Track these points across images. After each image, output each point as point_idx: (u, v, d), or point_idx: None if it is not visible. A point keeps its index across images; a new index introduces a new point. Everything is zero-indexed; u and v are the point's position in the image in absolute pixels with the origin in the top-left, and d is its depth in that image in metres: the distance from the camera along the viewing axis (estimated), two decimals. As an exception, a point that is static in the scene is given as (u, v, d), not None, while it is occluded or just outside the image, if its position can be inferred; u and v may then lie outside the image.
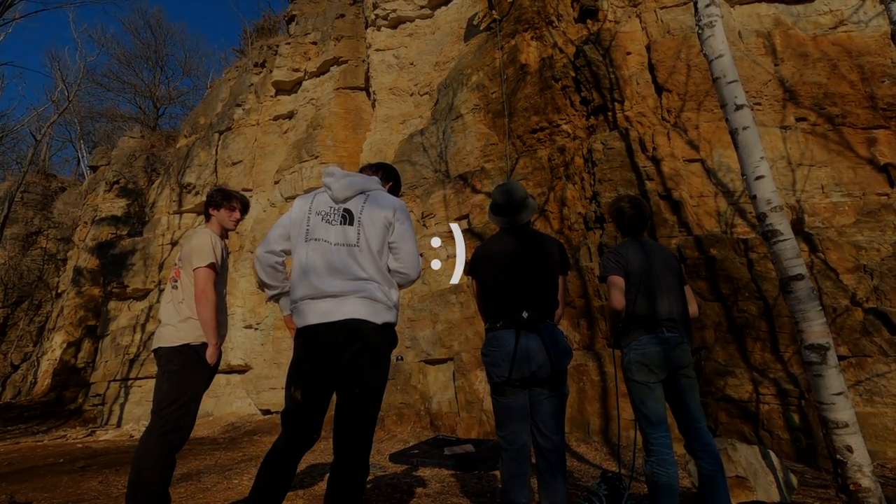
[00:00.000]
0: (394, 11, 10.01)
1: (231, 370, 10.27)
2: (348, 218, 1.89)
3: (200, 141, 13.34)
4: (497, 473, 3.88)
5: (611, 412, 5.10)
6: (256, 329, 10.43)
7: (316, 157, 10.45)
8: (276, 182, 11.14)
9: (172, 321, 2.47)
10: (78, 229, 17.62)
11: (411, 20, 10.07)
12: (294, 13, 12.76)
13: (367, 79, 10.68)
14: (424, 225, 7.87)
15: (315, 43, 11.85)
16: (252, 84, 12.74)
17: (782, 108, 6.23)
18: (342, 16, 11.41)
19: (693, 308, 2.39)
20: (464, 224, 7.32)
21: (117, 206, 15.01)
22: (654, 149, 6.08)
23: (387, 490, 3.47)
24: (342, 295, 1.78)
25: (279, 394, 9.67)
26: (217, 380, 9.85)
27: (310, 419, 1.76)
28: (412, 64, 9.78)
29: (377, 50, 10.19)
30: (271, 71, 12.17)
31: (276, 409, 9.21)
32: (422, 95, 9.52)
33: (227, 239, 2.79)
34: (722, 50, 2.19)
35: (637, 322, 2.26)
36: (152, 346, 2.53)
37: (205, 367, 2.45)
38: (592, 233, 6.03)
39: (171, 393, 2.35)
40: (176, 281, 2.57)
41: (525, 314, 1.93)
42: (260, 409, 9.67)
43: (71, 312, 14.50)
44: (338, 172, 1.99)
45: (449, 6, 9.74)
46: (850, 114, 6.10)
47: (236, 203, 2.72)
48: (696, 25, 2.30)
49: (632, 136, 6.17)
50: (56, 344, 14.77)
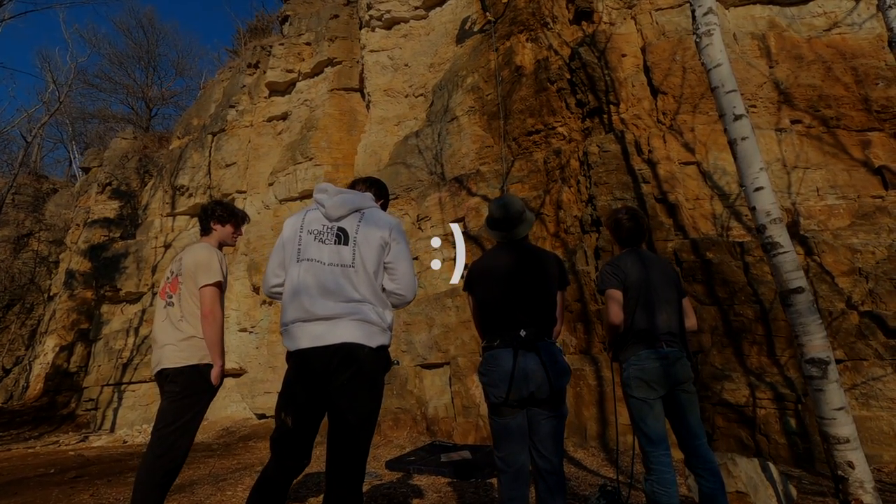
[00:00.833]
0: (388, 12, 9.95)
1: (226, 373, 10.20)
2: (343, 237, 1.84)
3: (193, 142, 13.24)
4: (494, 482, 3.84)
5: (608, 417, 5.08)
6: (251, 332, 10.36)
7: (310, 159, 10.39)
8: (271, 184, 11.07)
9: (173, 340, 2.38)
10: (70, 231, 17.45)
11: (406, 21, 10.01)
12: (287, 13, 12.68)
13: (362, 80, 10.62)
14: (420, 228, 7.83)
15: (309, 44, 11.78)
16: (245, 85, 12.65)
17: (777, 111, 6.23)
18: (336, 16, 11.34)
19: (692, 321, 2.37)
20: (460, 227, 7.28)
21: (110, 209, 14.86)
22: (650, 151, 6.07)
23: (382, 501, 3.43)
24: (335, 317, 1.73)
25: (274, 397, 9.60)
26: (211, 384, 9.77)
27: (300, 445, 1.71)
28: (407, 65, 9.74)
29: (371, 51, 10.14)
30: (265, 72, 12.08)
31: (271, 414, 9.14)
32: (417, 97, 9.47)
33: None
34: (720, 59, 2.16)
35: (636, 336, 2.23)
36: (154, 368, 2.43)
37: (209, 388, 2.39)
38: (588, 236, 6.01)
39: (172, 414, 2.30)
40: (171, 297, 2.47)
41: (523, 333, 1.89)
42: (255, 414, 9.61)
43: (63, 316, 14.35)
44: (331, 189, 1.94)
45: (443, 7, 9.70)
46: (845, 116, 6.11)
47: (242, 223, 2.69)
48: (694, 34, 2.27)
49: (627, 139, 6.16)
50: (48, 348, 14.62)
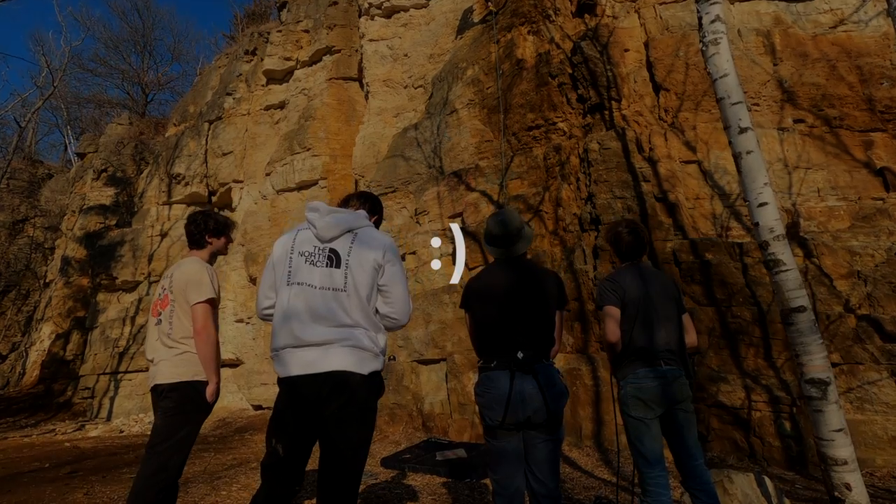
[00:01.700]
0: (388, 0, 9.78)
1: (223, 364, 10.19)
2: (335, 259, 1.79)
3: (190, 130, 13.09)
4: (488, 482, 3.85)
5: (603, 417, 5.09)
6: (248, 323, 10.34)
7: (308, 149, 10.28)
8: (268, 174, 10.97)
9: (167, 356, 2.36)
10: (65, 218, 17.32)
11: (405, 9, 9.85)
12: (285, -1, 12.46)
13: (361, 69, 10.47)
14: (418, 222, 7.77)
15: (307, 31, 11.59)
16: (242, 72, 12.47)
17: (780, 110, 6.17)
18: (335, 3, 11.14)
19: (692, 338, 2.34)
20: (458, 222, 7.23)
21: (105, 195, 14.74)
22: (651, 149, 6.01)
23: (377, 503, 3.44)
24: (326, 343, 1.70)
25: (271, 389, 9.61)
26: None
27: (291, 474, 1.68)
28: (406, 55, 9.59)
29: (371, 40, 9.98)
30: (262, 59, 11.91)
31: (268, 405, 9.16)
32: (416, 88, 9.35)
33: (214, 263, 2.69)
34: (727, 69, 2.10)
35: (634, 354, 2.20)
36: (150, 383, 2.42)
37: (203, 405, 2.37)
38: (587, 234, 5.97)
39: (166, 430, 2.29)
40: (161, 314, 2.45)
41: (520, 354, 1.86)
42: (252, 405, 9.64)
43: (59, 303, 14.30)
44: (322, 208, 1.88)
45: (444, -4, 9.52)
46: (848, 116, 6.05)
47: (232, 232, 2.68)
48: (701, 42, 2.20)
49: (628, 136, 6.09)
50: (44, 335, 14.60)
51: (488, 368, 1.92)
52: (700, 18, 2.20)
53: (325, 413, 1.66)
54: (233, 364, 10.30)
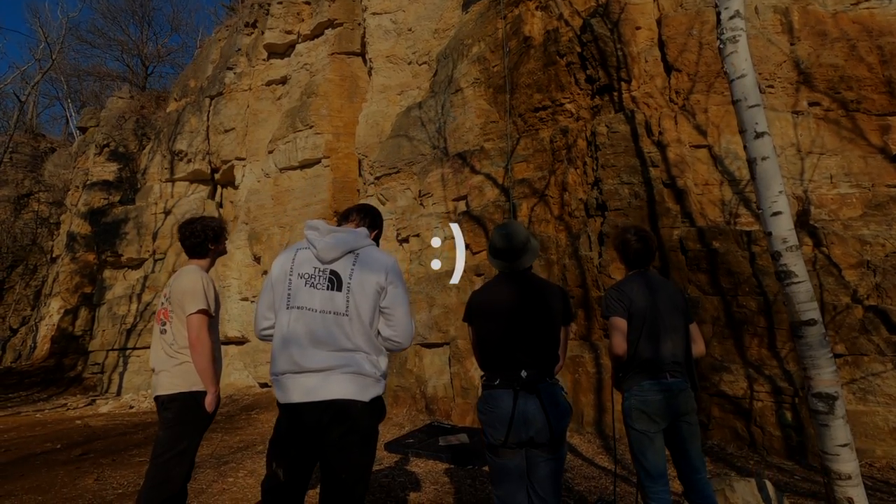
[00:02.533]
0: (391, -29, 9.44)
1: (228, 341, 10.32)
2: (336, 282, 1.75)
3: (191, 106, 12.91)
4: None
5: (605, 404, 5.13)
6: (253, 302, 10.41)
7: (310, 127, 10.13)
8: (270, 151, 10.86)
9: (167, 367, 2.38)
10: (69, 193, 17.32)
11: (409, -19, 9.51)
12: (286, -31, 12.04)
13: (364, 44, 10.21)
14: (422, 204, 7.70)
15: (308, 3, 11.27)
16: (242, 47, 12.20)
17: (795, 92, 5.98)
18: (336, -26, 10.77)
19: (699, 348, 2.32)
20: (462, 206, 7.16)
21: (108, 171, 14.68)
22: (661, 133, 5.87)
23: (380, 493, 3.50)
24: (327, 369, 1.68)
25: (276, 367, 9.76)
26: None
27: (292, 496, 1.69)
28: (410, 30, 9.32)
29: (374, 13, 9.69)
30: (263, 32, 11.62)
31: (274, 382, 9.31)
32: (420, 64, 9.12)
33: (214, 266, 2.69)
34: (745, 69, 1.99)
35: (640, 366, 2.18)
36: (152, 394, 2.45)
37: (203, 415, 2.39)
38: (593, 220, 5.90)
39: (168, 442, 2.31)
40: (164, 323, 2.45)
41: (524, 374, 1.85)
42: (258, 382, 9.79)
43: (66, 278, 14.44)
44: (322, 227, 1.83)
45: (449, -33, 9.18)
46: (866, 99, 5.86)
47: (226, 234, 2.70)
48: (718, 39, 2.09)
49: (637, 119, 5.94)
50: (53, 310, 14.79)
51: (491, 387, 1.90)
52: (718, 14, 2.08)
53: (327, 440, 1.66)
54: (239, 342, 10.43)
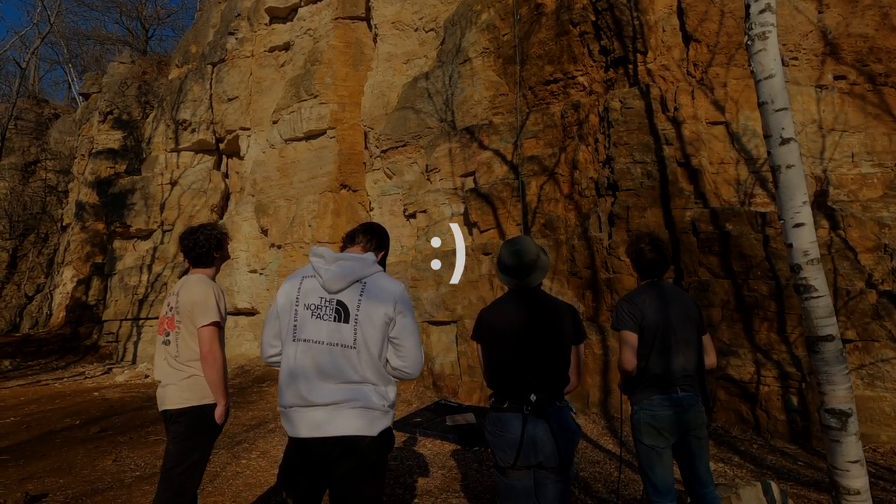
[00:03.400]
0: (396, -70, 8.97)
1: (238, 312, 10.47)
2: (343, 314, 1.72)
3: (193, 73, 12.63)
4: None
5: (610, 385, 5.17)
6: (261, 274, 10.49)
7: (315, 97, 9.90)
8: (275, 122, 10.66)
9: (174, 380, 2.36)
10: (76, 161, 17.26)
11: (416, -59, 9.04)
12: (286, -74, 11.49)
13: (368, 8, 9.82)
14: (429, 179, 7.58)
15: (310, -37, 10.79)
16: (242, 12, 11.80)
17: (821, 64, 5.71)
18: (339, -68, 10.25)
19: (711, 360, 2.28)
20: (469, 182, 7.04)
21: (113, 139, 14.56)
22: (676, 109, 5.66)
23: (389, 479, 3.58)
24: (335, 403, 1.67)
25: (286, 338, 9.92)
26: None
27: None
28: (417, -7, 8.93)
29: (378, -25, 9.28)
30: (264, -5, 11.20)
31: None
32: (427, 32, 8.79)
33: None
34: (773, 69, 1.85)
35: (650, 381, 2.16)
36: (160, 406, 2.42)
37: (213, 428, 2.39)
38: (604, 200, 5.78)
39: (178, 456, 2.32)
40: (168, 334, 2.42)
41: (533, 397, 1.83)
42: (268, 353, 9.96)
43: (77, 248, 14.59)
44: (328, 255, 1.78)
45: (458, -75, 8.69)
46: (895, 72, 5.59)
47: (228, 241, 2.64)
48: (745, 34, 1.94)
49: (653, 94, 5.72)
50: (66, 278, 15.02)
51: (500, 409, 1.89)
52: (748, 6, 1.92)
53: (336, 474, 1.67)
54: (249, 313, 10.57)
